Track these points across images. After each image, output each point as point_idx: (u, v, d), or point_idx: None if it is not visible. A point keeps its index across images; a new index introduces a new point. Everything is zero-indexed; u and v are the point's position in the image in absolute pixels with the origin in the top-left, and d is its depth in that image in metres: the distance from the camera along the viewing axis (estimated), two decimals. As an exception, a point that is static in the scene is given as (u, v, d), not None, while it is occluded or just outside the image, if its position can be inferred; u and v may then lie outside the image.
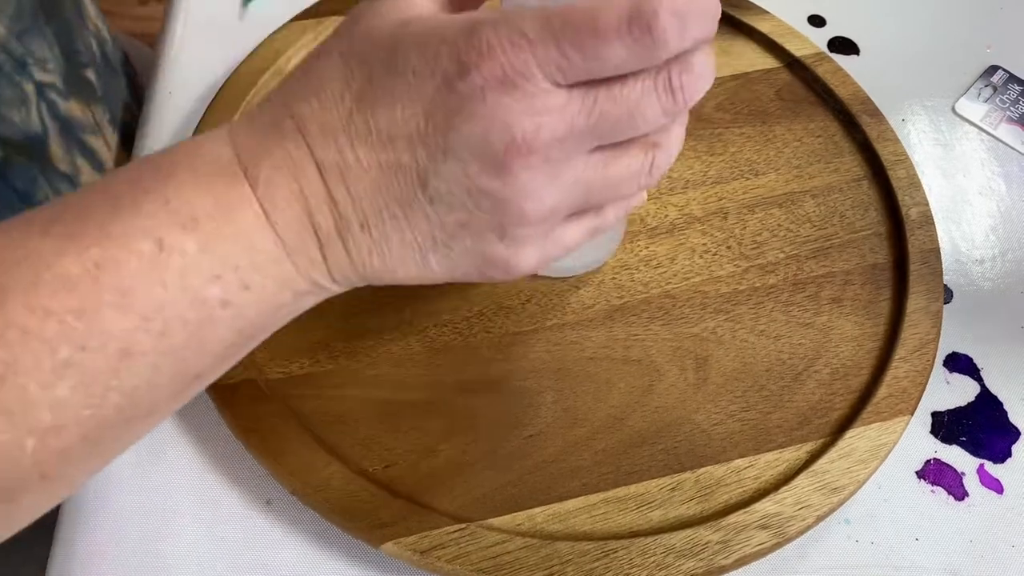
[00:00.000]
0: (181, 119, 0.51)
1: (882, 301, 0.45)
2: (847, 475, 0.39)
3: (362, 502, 0.37)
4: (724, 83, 0.52)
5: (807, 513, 0.38)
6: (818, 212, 0.48)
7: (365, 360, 0.42)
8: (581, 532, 0.38)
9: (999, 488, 0.42)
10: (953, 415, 0.44)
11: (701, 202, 0.48)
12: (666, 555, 0.37)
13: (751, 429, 0.41)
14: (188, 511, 0.39)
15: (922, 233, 0.46)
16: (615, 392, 0.42)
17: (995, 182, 0.52)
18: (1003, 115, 0.54)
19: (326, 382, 0.41)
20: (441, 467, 0.39)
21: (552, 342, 0.43)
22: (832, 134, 0.51)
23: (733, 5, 0.55)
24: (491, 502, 0.38)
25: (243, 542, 0.39)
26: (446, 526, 0.37)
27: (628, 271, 0.45)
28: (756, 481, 0.39)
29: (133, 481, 0.40)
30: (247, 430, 0.39)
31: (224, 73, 0.52)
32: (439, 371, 0.42)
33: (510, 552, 0.36)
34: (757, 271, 0.46)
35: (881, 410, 0.41)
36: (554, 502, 0.38)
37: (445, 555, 0.36)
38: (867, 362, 0.43)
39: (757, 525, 0.38)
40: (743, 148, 0.50)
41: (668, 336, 0.43)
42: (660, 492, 0.39)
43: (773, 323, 0.44)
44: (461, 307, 0.44)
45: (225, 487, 0.40)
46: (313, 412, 0.40)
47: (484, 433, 0.40)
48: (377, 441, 0.40)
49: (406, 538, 0.36)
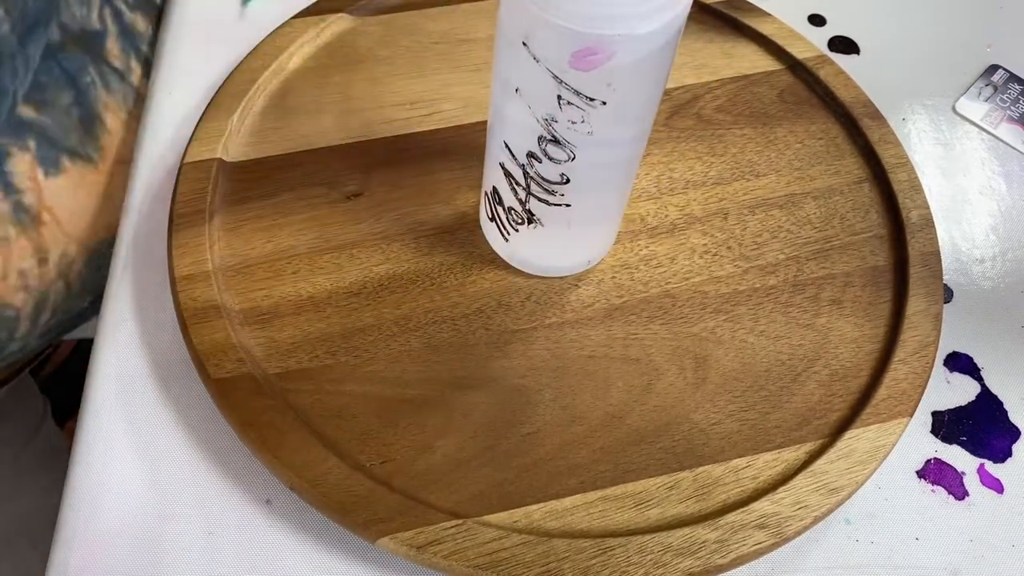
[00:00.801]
0: (181, 119, 0.51)
1: (882, 303, 0.45)
2: (845, 476, 0.39)
3: (359, 497, 0.37)
4: (725, 84, 0.52)
5: (805, 513, 0.38)
6: (819, 214, 0.48)
7: (363, 356, 0.42)
8: (578, 530, 0.38)
9: (999, 488, 0.41)
10: (953, 415, 0.43)
11: (702, 202, 0.48)
12: (663, 553, 0.36)
13: (750, 429, 0.41)
14: (187, 511, 0.39)
15: (922, 236, 0.46)
16: (614, 390, 0.41)
17: (995, 181, 0.51)
18: (1004, 114, 0.54)
19: (324, 377, 0.41)
20: (438, 463, 0.39)
21: (551, 340, 0.43)
22: (833, 136, 0.51)
23: (735, 7, 0.55)
24: (488, 499, 0.38)
25: (242, 542, 0.38)
26: (443, 522, 0.37)
27: (628, 270, 0.45)
28: (754, 481, 0.39)
29: (133, 481, 0.40)
30: (245, 425, 0.39)
31: (224, 73, 0.52)
32: (437, 368, 0.42)
33: (507, 549, 0.36)
34: (757, 272, 0.46)
35: (880, 412, 0.41)
36: (551, 499, 0.38)
37: (442, 551, 0.36)
38: (867, 364, 0.43)
39: (755, 525, 0.37)
40: (744, 149, 0.50)
41: (667, 335, 0.43)
42: (658, 491, 0.39)
43: (773, 324, 0.44)
44: (460, 304, 0.43)
45: (225, 487, 0.40)
46: (311, 407, 0.40)
47: (482, 430, 0.40)
48: (375, 437, 0.39)
49: (403, 533, 0.36)
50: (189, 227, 0.44)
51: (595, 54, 0.32)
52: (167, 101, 0.52)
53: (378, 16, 0.54)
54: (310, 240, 0.45)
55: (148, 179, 0.49)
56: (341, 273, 0.44)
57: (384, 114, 0.50)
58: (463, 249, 0.45)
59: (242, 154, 0.48)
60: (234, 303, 0.43)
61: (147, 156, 0.50)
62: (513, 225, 0.42)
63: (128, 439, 0.41)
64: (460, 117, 0.50)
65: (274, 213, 0.46)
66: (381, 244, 0.45)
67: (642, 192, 0.48)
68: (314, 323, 0.42)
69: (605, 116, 0.35)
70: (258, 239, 0.45)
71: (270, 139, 0.49)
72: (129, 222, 0.47)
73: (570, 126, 0.35)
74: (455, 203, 0.47)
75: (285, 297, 0.43)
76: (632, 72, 0.33)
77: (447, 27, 0.54)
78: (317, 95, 0.50)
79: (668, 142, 0.50)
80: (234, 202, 0.46)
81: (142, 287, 0.45)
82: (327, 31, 0.53)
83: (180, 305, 0.42)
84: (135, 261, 0.46)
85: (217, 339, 0.41)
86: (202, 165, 0.46)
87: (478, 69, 0.52)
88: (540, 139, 0.36)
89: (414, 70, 0.52)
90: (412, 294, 0.44)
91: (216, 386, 0.40)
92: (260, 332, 0.42)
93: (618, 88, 0.33)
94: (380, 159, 0.48)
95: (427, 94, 0.51)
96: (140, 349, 0.43)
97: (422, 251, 0.45)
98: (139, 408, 0.42)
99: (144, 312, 0.44)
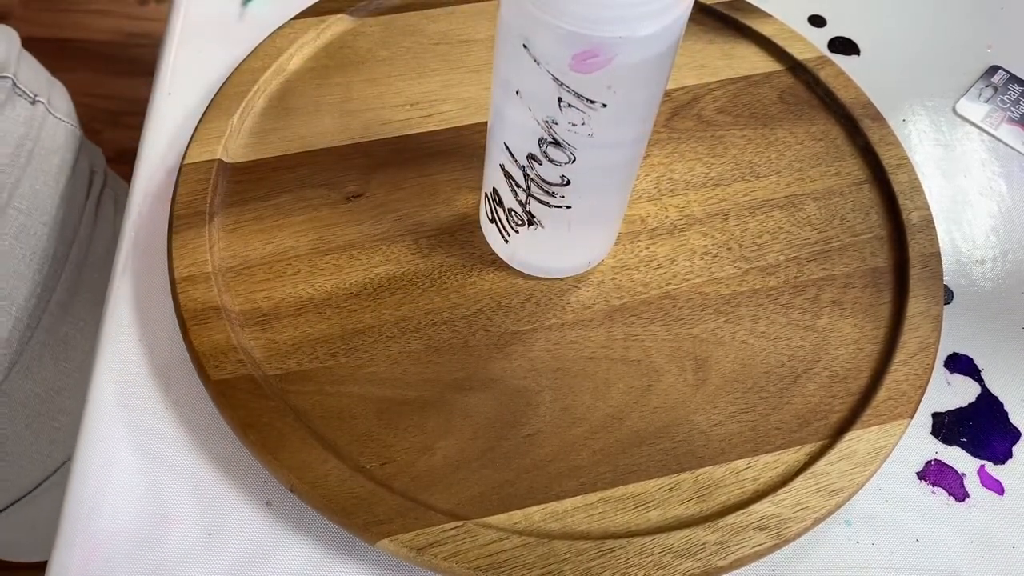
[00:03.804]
0: (181, 119, 0.51)
1: (882, 304, 0.45)
2: (846, 477, 0.39)
3: (359, 499, 0.37)
4: (725, 86, 0.52)
5: (805, 515, 0.38)
6: (819, 215, 0.48)
7: (364, 357, 0.42)
8: (578, 531, 0.38)
9: (1000, 489, 0.41)
10: (954, 416, 0.43)
11: (702, 204, 0.48)
12: (664, 555, 0.36)
13: (750, 430, 0.41)
14: (188, 512, 0.39)
15: (923, 237, 0.46)
16: (614, 392, 0.41)
17: (996, 183, 0.51)
18: (1004, 115, 0.54)
19: (325, 379, 0.41)
20: (438, 465, 0.39)
21: (551, 341, 0.43)
22: (834, 138, 0.51)
23: (735, 8, 0.55)
24: (488, 500, 0.38)
25: (243, 543, 0.38)
26: (443, 523, 0.37)
27: (628, 272, 0.45)
28: (754, 482, 0.39)
29: (133, 482, 0.40)
30: (245, 426, 0.39)
31: (224, 73, 0.52)
32: (438, 369, 0.42)
33: (507, 550, 0.36)
34: (757, 273, 0.45)
35: (880, 413, 0.41)
36: (552, 501, 0.38)
37: (442, 552, 0.36)
38: (867, 365, 0.43)
39: (755, 526, 0.37)
40: (744, 150, 0.50)
41: (667, 337, 0.43)
42: (658, 492, 0.39)
43: (773, 325, 0.44)
44: (460, 305, 0.43)
45: (225, 488, 0.40)
46: (311, 408, 0.40)
47: (482, 431, 0.40)
48: (375, 438, 0.39)
49: (403, 535, 0.36)
50: (189, 228, 0.44)
51: (596, 56, 0.32)
52: (167, 101, 0.52)
53: (378, 17, 0.54)
54: (310, 241, 0.45)
55: (148, 180, 0.49)
56: (341, 274, 0.44)
57: (384, 115, 0.50)
58: (463, 250, 0.45)
59: (242, 155, 0.48)
60: (234, 304, 0.43)
61: (147, 157, 0.50)
62: (513, 226, 0.42)
63: (128, 440, 0.41)
64: (460, 118, 0.50)
65: (274, 214, 0.46)
66: (381, 245, 0.45)
67: (642, 193, 0.48)
68: (314, 324, 0.42)
69: (606, 118, 0.35)
70: (258, 240, 0.45)
71: (270, 140, 0.49)
72: (129, 223, 0.47)
73: (570, 128, 0.35)
74: (455, 204, 0.47)
75: (285, 298, 0.43)
76: (633, 74, 0.33)
77: (447, 28, 0.54)
78: (317, 96, 0.50)
79: (668, 143, 0.50)
80: (234, 203, 0.46)
81: (142, 288, 0.45)
82: (327, 32, 0.53)
83: (180, 306, 0.42)
84: (135, 262, 0.46)
85: (217, 340, 0.41)
86: (202, 166, 0.46)
87: (478, 70, 0.52)
88: (540, 141, 0.36)
89: (414, 71, 0.52)
90: (412, 295, 0.44)
91: (216, 387, 0.40)
92: (260, 333, 0.42)
93: (619, 90, 0.33)
94: (380, 160, 0.48)
95: (427, 95, 0.51)
96: (140, 350, 0.43)
97: (422, 252, 0.45)
98: (139, 409, 0.42)
99: (144, 313, 0.44)
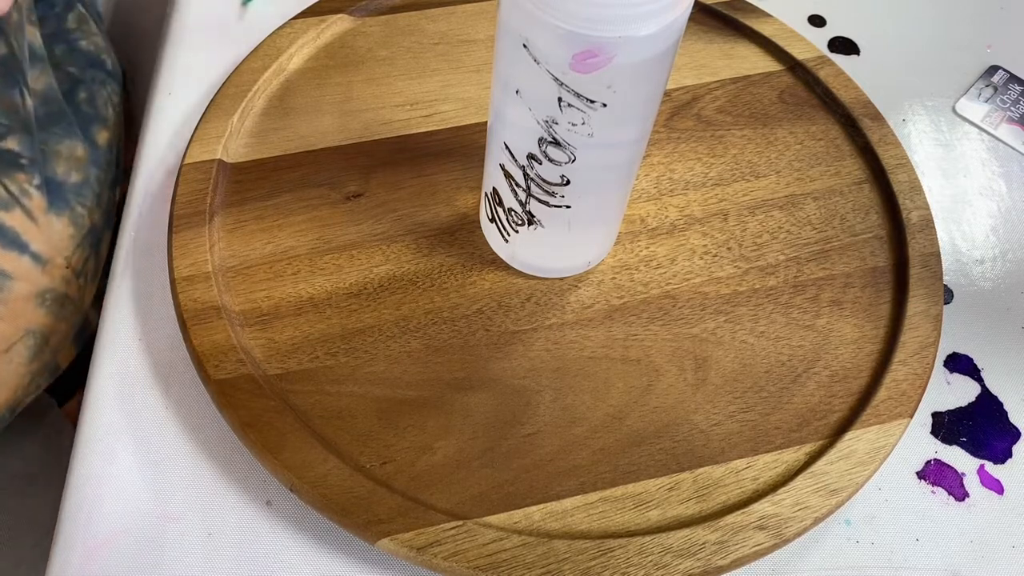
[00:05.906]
0: (181, 119, 0.51)
1: (882, 304, 0.45)
2: (845, 477, 0.39)
3: (359, 498, 0.37)
4: (725, 85, 0.52)
5: (805, 515, 0.38)
6: (819, 215, 0.48)
7: (364, 357, 0.42)
8: (578, 531, 0.38)
9: (999, 488, 0.41)
10: (953, 415, 0.43)
11: (702, 203, 0.48)
12: (663, 554, 0.36)
13: (750, 430, 0.41)
14: (188, 512, 0.39)
15: (923, 237, 0.46)
16: (614, 392, 0.41)
17: (996, 182, 0.51)
18: (1004, 115, 0.54)
19: (325, 378, 0.41)
20: (439, 464, 0.39)
21: (551, 341, 0.43)
22: (834, 137, 0.51)
23: (735, 8, 0.55)
24: (488, 500, 0.38)
25: (243, 543, 0.38)
26: (443, 523, 0.37)
27: (628, 271, 0.45)
28: (754, 482, 0.39)
29: (133, 482, 0.40)
30: (245, 426, 0.39)
31: (224, 73, 0.52)
32: (438, 369, 0.42)
33: (507, 550, 0.36)
34: (757, 273, 0.46)
35: (880, 413, 0.41)
36: (552, 500, 0.38)
37: (442, 552, 0.36)
38: (867, 365, 0.43)
39: (755, 526, 0.37)
40: (744, 150, 0.50)
41: (667, 336, 0.43)
42: (658, 492, 0.39)
43: (773, 325, 0.44)
44: (460, 305, 0.43)
45: (225, 488, 0.40)
46: (311, 408, 0.40)
47: (482, 431, 0.40)
48: (375, 438, 0.39)
49: (403, 535, 0.36)
50: (189, 228, 0.44)
51: (595, 56, 0.32)
52: (167, 101, 0.52)
53: (378, 17, 0.54)
54: (310, 241, 0.45)
55: (148, 180, 0.49)
56: (341, 274, 0.44)
57: (384, 115, 0.50)
58: (463, 250, 0.45)
59: (242, 155, 0.48)
60: (234, 304, 0.43)
61: (147, 157, 0.50)
62: (513, 226, 0.42)
63: (128, 439, 0.41)
64: (460, 118, 0.50)
65: (274, 214, 0.46)
66: (381, 245, 0.45)
67: (642, 193, 0.48)
68: (314, 324, 0.42)
69: (605, 118, 0.35)
70: (258, 240, 0.45)
71: (270, 140, 0.49)
72: (129, 223, 0.47)
73: (570, 128, 0.35)
74: (455, 204, 0.47)
75: (285, 298, 0.43)
76: (632, 74, 0.33)
77: (447, 28, 0.54)
78: (317, 96, 0.50)
79: (668, 143, 0.50)
80: (234, 203, 0.46)
81: (142, 288, 0.45)
82: (327, 32, 0.53)
83: (180, 306, 0.42)
84: (135, 262, 0.46)
85: (217, 340, 0.41)
86: (202, 166, 0.46)
87: (478, 70, 0.52)
88: (540, 141, 0.36)
89: (414, 71, 0.52)
90: (412, 295, 0.44)
91: (216, 387, 0.40)
92: (260, 333, 0.42)
93: (619, 90, 0.33)
94: (380, 160, 0.48)
95: (427, 95, 0.51)
96: (140, 350, 0.43)
97: (422, 252, 0.45)
98: (139, 409, 0.42)
99: (144, 313, 0.44)
